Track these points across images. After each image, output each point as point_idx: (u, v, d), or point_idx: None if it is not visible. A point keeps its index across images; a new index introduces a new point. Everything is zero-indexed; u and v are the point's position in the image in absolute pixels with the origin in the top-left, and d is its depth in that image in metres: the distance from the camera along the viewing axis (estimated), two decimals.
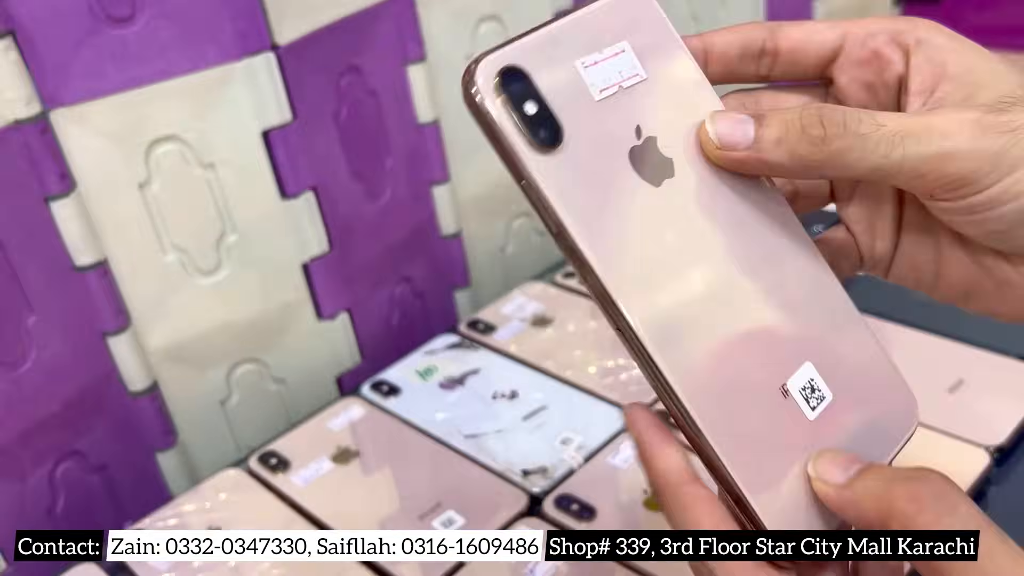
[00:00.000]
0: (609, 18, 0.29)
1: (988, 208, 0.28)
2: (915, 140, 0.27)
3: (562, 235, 0.27)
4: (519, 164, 0.27)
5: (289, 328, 0.65)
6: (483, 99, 0.26)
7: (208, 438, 0.65)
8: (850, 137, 0.27)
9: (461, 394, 0.63)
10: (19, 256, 0.53)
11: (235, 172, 0.59)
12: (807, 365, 0.29)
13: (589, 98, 0.28)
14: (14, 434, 0.54)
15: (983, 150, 0.27)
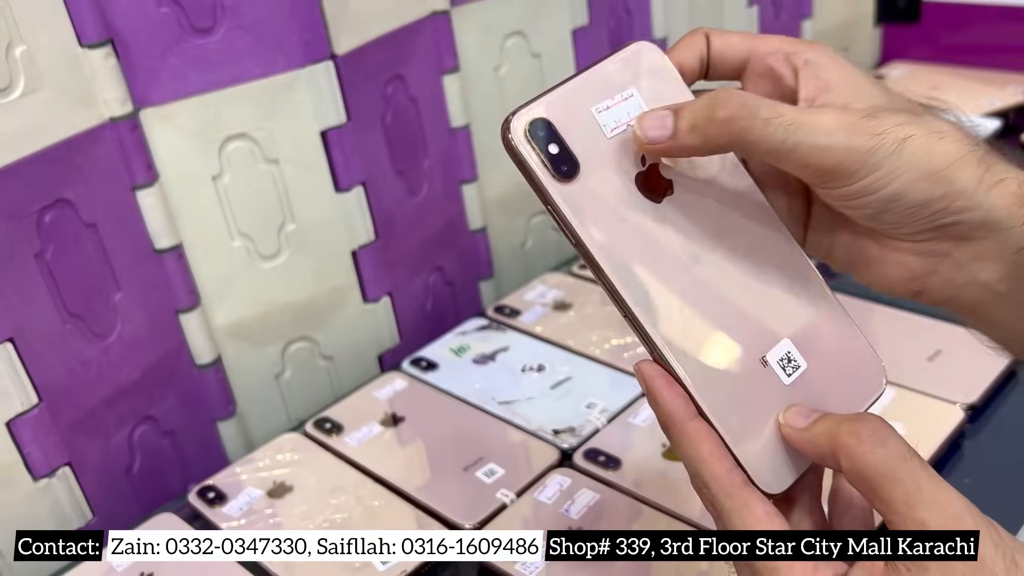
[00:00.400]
0: (621, 69, 0.36)
1: (858, 197, 0.33)
2: (805, 131, 0.32)
3: (580, 245, 0.34)
4: (545, 193, 0.34)
5: (338, 309, 0.72)
6: (516, 144, 0.34)
7: (263, 409, 0.72)
8: (752, 119, 0.32)
9: (493, 368, 0.70)
10: (110, 238, 0.60)
11: (296, 167, 0.66)
12: (785, 341, 0.36)
13: (602, 136, 0.35)
14: (102, 398, 0.61)
15: (855, 148, 0.32)
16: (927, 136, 0.32)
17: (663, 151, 0.35)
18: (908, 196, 0.33)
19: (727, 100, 0.33)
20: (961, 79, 1.06)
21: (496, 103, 0.78)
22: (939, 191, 0.32)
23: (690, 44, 0.38)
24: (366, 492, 0.59)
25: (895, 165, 0.32)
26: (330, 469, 0.62)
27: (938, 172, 0.32)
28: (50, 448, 0.58)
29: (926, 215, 0.33)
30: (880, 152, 0.32)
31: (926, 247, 0.34)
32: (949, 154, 0.32)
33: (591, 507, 0.55)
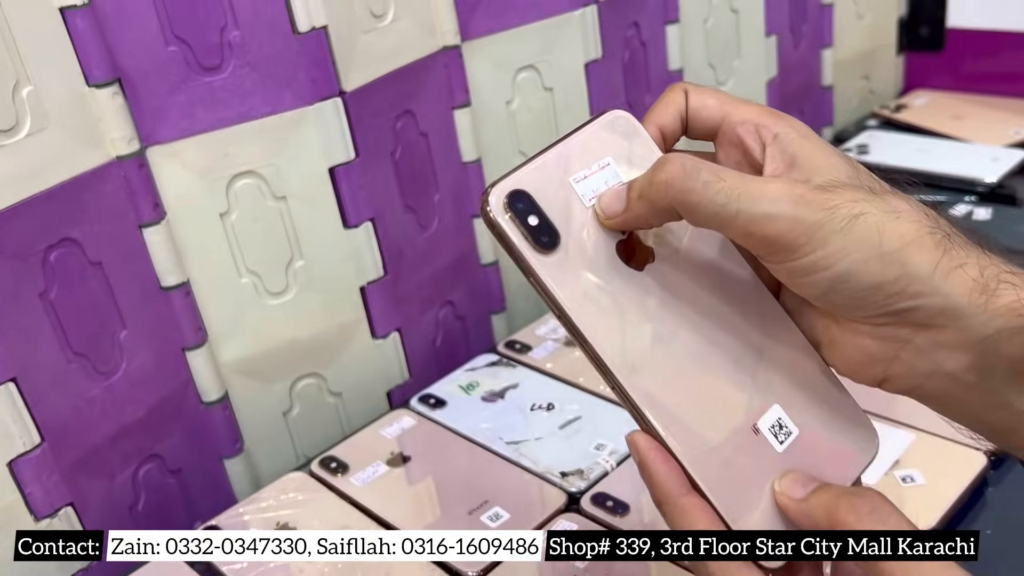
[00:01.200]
0: (596, 138, 0.36)
1: (805, 274, 0.32)
2: (748, 199, 0.31)
3: (564, 317, 0.34)
4: (526, 265, 0.34)
5: (346, 346, 0.71)
6: (496, 217, 0.34)
7: (271, 446, 0.71)
8: (692, 181, 0.32)
9: (502, 406, 0.69)
10: (116, 276, 0.60)
11: (304, 204, 0.65)
12: (775, 407, 0.36)
13: (580, 206, 0.35)
14: (106, 436, 0.61)
15: (801, 220, 0.31)
16: (882, 214, 0.31)
17: (619, 224, 0.35)
18: (858, 277, 0.31)
19: (667, 162, 0.33)
20: (985, 108, 1.04)
21: (508, 137, 0.78)
22: (892, 273, 0.31)
23: (669, 102, 0.38)
24: None
25: (844, 242, 0.31)
26: (334, 510, 0.61)
27: (891, 253, 0.30)
28: (52, 488, 0.58)
29: (879, 299, 0.31)
30: (828, 226, 0.31)
31: (885, 332, 0.32)
32: (904, 235, 0.31)
33: None
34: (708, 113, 0.38)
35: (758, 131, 0.36)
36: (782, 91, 1.00)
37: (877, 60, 1.13)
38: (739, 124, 0.37)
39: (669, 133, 0.38)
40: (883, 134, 1.02)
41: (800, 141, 0.35)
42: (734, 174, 0.32)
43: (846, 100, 1.10)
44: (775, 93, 0.99)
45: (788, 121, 0.36)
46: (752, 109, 0.37)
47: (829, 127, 1.09)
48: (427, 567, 0.55)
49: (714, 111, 0.37)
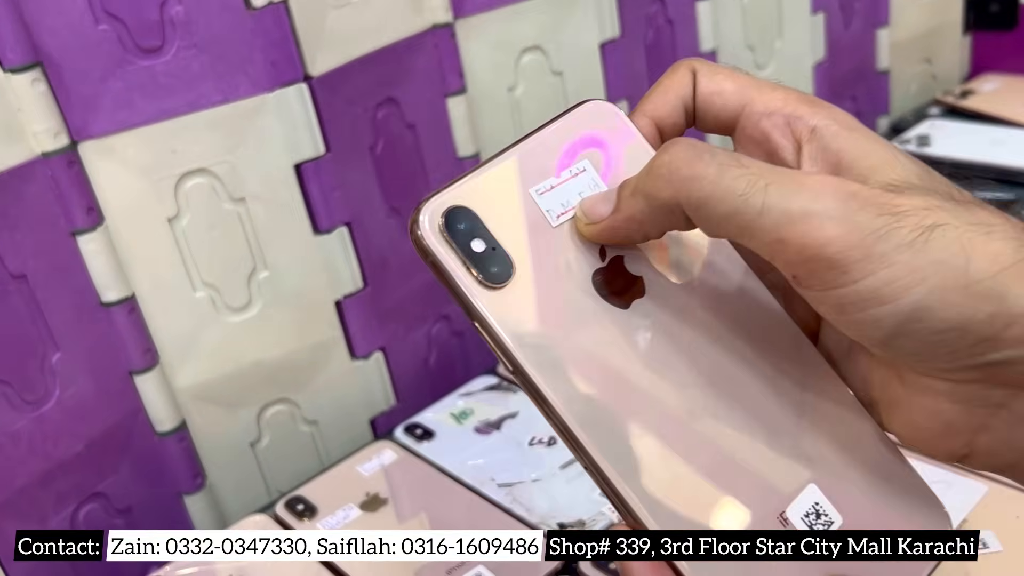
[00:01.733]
0: (567, 138, 0.28)
1: (860, 308, 0.23)
2: (780, 190, 0.23)
3: (520, 373, 0.25)
4: (468, 304, 0.26)
5: (321, 368, 0.63)
6: (427, 242, 0.26)
7: (238, 481, 0.63)
8: (702, 165, 0.24)
9: (497, 439, 0.60)
10: (44, 291, 0.52)
11: (266, 206, 0.57)
12: (810, 488, 0.27)
13: (545, 225, 0.27)
14: (35, 475, 0.53)
15: (855, 224, 0.23)
16: (966, 227, 0.22)
17: (605, 231, 0.26)
18: (936, 313, 0.22)
19: (671, 144, 0.24)
20: None
21: (511, 129, 0.68)
22: (984, 310, 0.22)
23: (669, 88, 0.29)
24: None
25: (916, 262, 0.22)
26: (295, 564, 0.52)
27: (982, 282, 0.22)
28: None
29: (964, 346, 0.22)
30: (893, 238, 0.22)
31: (970, 392, 0.24)
32: (999, 256, 0.22)
33: None
34: (724, 101, 0.29)
35: (789, 124, 0.27)
36: (831, 76, 0.89)
37: (940, 40, 1.01)
38: (764, 116, 0.28)
39: (668, 127, 0.29)
40: (947, 123, 0.91)
41: (846, 135, 0.27)
42: (760, 162, 0.24)
43: (904, 86, 0.99)
44: (823, 78, 0.88)
45: (828, 110, 0.27)
46: (781, 95, 0.28)
47: (885, 116, 0.98)
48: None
49: (731, 98, 0.29)
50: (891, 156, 0.26)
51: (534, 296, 0.26)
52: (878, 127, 0.97)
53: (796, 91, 0.28)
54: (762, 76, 0.84)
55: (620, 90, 0.72)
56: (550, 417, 0.26)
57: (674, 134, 0.30)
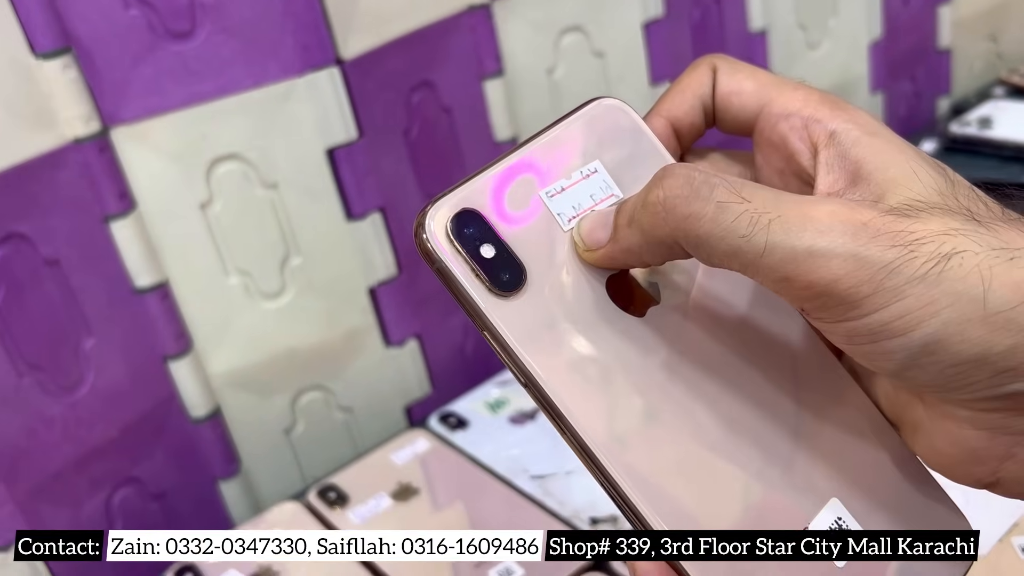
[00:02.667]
0: (578, 138, 0.26)
1: (870, 340, 0.22)
2: (784, 227, 0.22)
3: (532, 386, 0.24)
4: (478, 313, 0.24)
5: (355, 355, 0.62)
6: (434, 247, 0.24)
7: (272, 467, 0.63)
8: (700, 203, 0.22)
9: (531, 430, 0.58)
10: (77, 277, 0.52)
11: (299, 192, 0.56)
12: (833, 502, 0.25)
13: (557, 229, 0.25)
14: (70, 460, 0.53)
15: (865, 260, 0.21)
16: (987, 253, 0.21)
17: (603, 260, 0.25)
18: (951, 347, 0.21)
19: (666, 176, 0.23)
20: None
21: (550, 112, 0.66)
22: (1003, 343, 0.21)
23: (687, 87, 0.28)
24: None
25: (930, 295, 0.21)
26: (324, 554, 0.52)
27: (1001, 313, 0.21)
28: (5, 519, 0.50)
29: (983, 377, 0.21)
30: (905, 270, 0.21)
31: (993, 420, 0.22)
32: (1022, 285, 0.21)
33: None
34: (742, 101, 0.27)
35: (807, 128, 0.26)
36: (888, 55, 0.86)
37: (1007, 17, 0.96)
38: (782, 118, 0.26)
39: (686, 128, 0.28)
40: (1011, 104, 0.86)
41: (867, 141, 0.25)
42: (765, 192, 0.23)
43: (967, 65, 0.95)
44: (879, 58, 0.85)
45: (850, 113, 0.26)
46: (802, 96, 0.26)
47: (945, 97, 0.94)
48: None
49: (750, 98, 0.27)
50: (913, 167, 0.24)
51: (546, 304, 0.25)
52: (938, 108, 0.93)
53: (819, 92, 0.27)
54: (815, 56, 0.81)
55: (664, 71, 0.70)
56: (563, 432, 0.24)
57: (692, 135, 0.29)
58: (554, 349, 0.24)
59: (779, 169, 0.27)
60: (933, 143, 0.82)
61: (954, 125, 0.82)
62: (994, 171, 0.76)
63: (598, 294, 0.25)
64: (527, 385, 0.24)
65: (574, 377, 0.24)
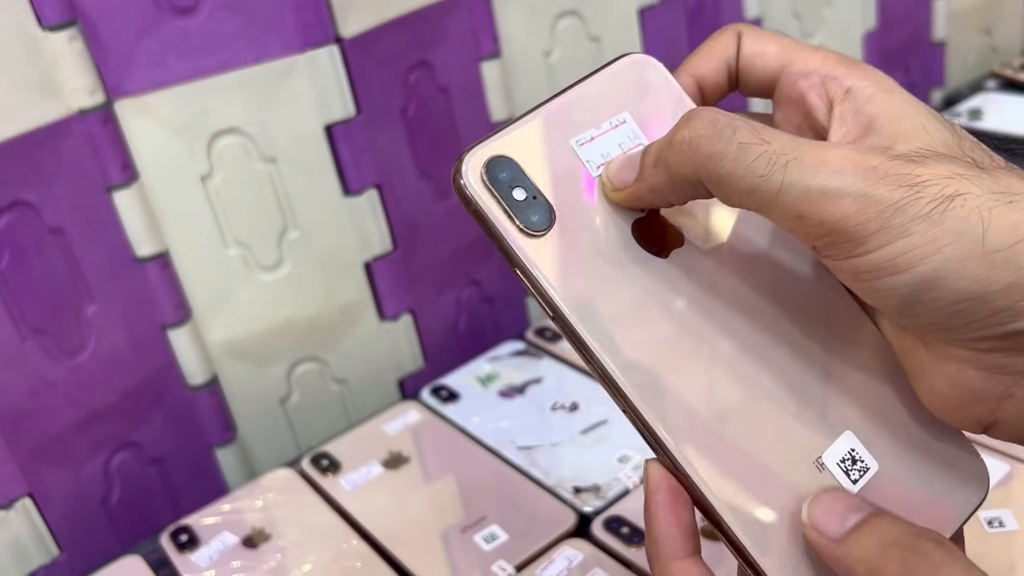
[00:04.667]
0: (608, 89, 0.28)
1: (875, 276, 0.23)
2: (800, 168, 0.23)
3: (560, 319, 0.26)
4: (510, 251, 0.26)
5: (351, 328, 0.63)
6: (470, 190, 0.26)
7: (268, 436, 0.64)
8: (723, 143, 0.24)
9: (520, 403, 0.60)
10: (80, 244, 0.53)
11: (297, 167, 0.58)
12: (846, 435, 0.27)
13: (586, 175, 0.27)
14: (70, 422, 0.55)
15: (873, 199, 0.23)
16: (988, 196, 0.22)
17: (630, 199, 0.27)
18: (951, 283, 0.22)
19: (692, 118, 0.25)
20: None
21: (546, 95, 0.68)
22: (1000, 279, 0.22)
23: (713, 49, 0.29)
24: (348, 550, 0.51)
25: (932, 232, 0.22)
26: (316, 517, 0.54)
27: (999, 251, 0.22)
28: (6, 478, 0.52)
29: (981, 316, 0.23)
30: (910, 209, 0.22)
31: (991, 360, 0.24)
32: (1018, 227, 0.22)
33: None
34: (765, 62, 0.29)
35: (824, 85, 0.28)
36: (882, 46, 0.87)
37: (1001, 11, 0.98)
38: (802, 76, 0.28)
39: (710, 87, 0.30)
40: (1002, 97, 0.87)
41: (880, 97, 0.27)
42: (783, 136, 0.24)
43: (961, 58, 0.96)
44: (874, 48, 0.86)
45: (865, 71, 0.28)
46: (820, 56, 0.28)
47: (939, 89, 0.95)
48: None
49: (772, 60, 0.29)
50: (923, 121, 0.26)
51: (574, 244, 0.26)
52: (931, 100, 0.94)
53: (837, 53, 0.28)
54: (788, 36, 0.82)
55: (658, 57, 0.71)
56: (589, 361, 0.26)
57: (716, 95, 0.30)
58: (580, 285, 0.26)
59: (797, 124, 0.29)
60: None
61: (944, 116, 0.83)
62: None
63: (624, 235, 0.27)
64: (554, 318, 0.26)
65: (598, 310, 0.26)
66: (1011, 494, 0.45)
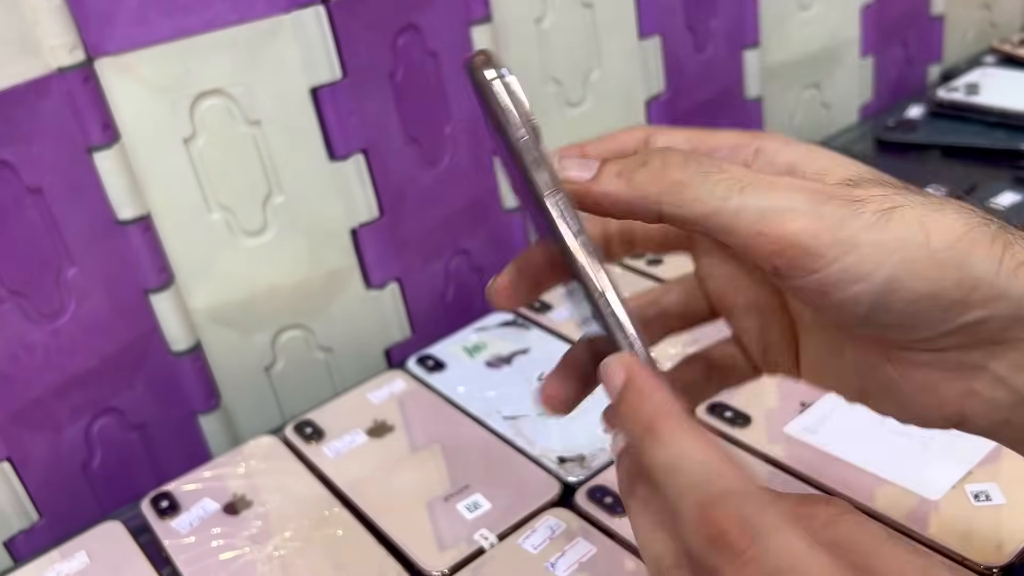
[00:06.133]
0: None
1: (838, 289, 0.25)
2: (755, 192, 0.26)
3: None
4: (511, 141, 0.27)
5: (336, 295, 0.63)
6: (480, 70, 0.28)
7: (252, 404, 0.64)
8: (690, 171, 0.26)
9: (507, 373, 0.59)
10: (60, 206, 0.52)
11: (282, 130, 0.57)
12: None
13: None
14: (50, 387, 0.54)
15: (821, 215, 0.25)
16: (920, 207, 0.26)
17: (580, 194, 0.28)
18: (907, 284, 0.25)
19: (663, 149, 0.28)
20: None
21: (538, 61, 0.67)
22: (949, 277, 0.25)
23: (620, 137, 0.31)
24: (330, 517, 0.50)
25: (881, 239, 0.25)
26: (299, 484, 0.53)
27: (943, 251, 0.25)
28: None
29: (938, 313, 0.25)
30: (856, 223, 0.25)
31: (950, 359, 0.26)
32: (954, 228, 0.25)
33: (583, 563, 0.45)
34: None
35: (735, 154, 0.30)
36: (880, 20, 0.86)
37: None
38: (712, 152, 0.30)
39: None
40: (1000, 72, 0.86)
41: (789, 149, 0.30)
42: (736, 167, 0.27)
43: (960, 32, 0.95)
44: (871, 22, 0.85)
45: (767, 136, 0.30)
46: (723, 135, 0.31)
47: (936, 64, 0.94)
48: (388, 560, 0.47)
49: (682, 145, 0.31)
50: (835, 160, 0.29)
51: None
52: (928, 75, 0.93)
53: (737, 132, 0.31)
54: (806, 16, 0.81)
55: (653, 26, 0.70)
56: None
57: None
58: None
59: None
60: (920, 108, 0.83)
61: (941, 90, 0.83)
62: (980, 136, 0.76)
63: None
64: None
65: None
66: (999, 468, 0.45)
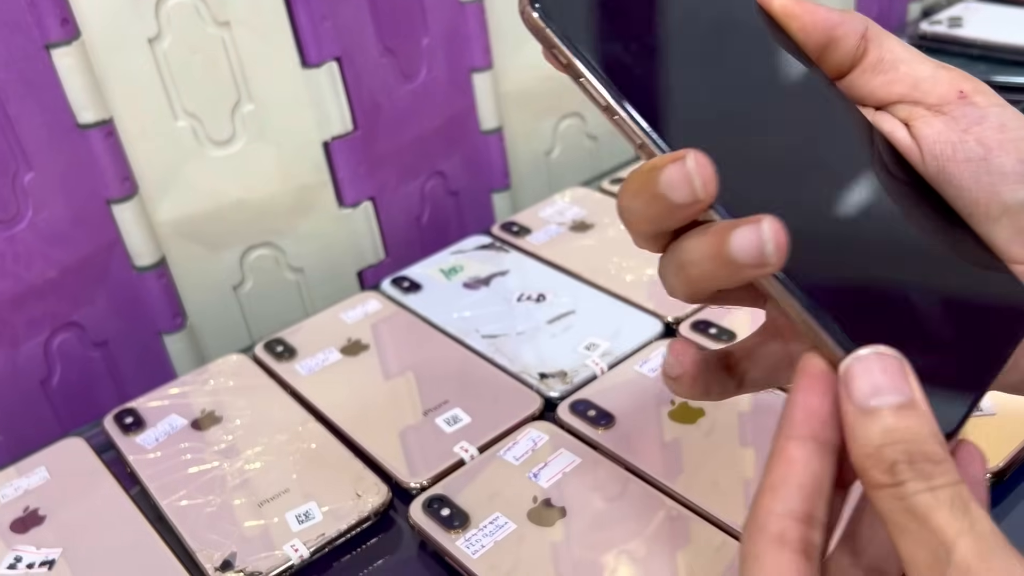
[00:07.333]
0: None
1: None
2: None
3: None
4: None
5: (307, 213, 0.60)
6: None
7: (219, 324, 0.61)
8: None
9: (485, 294, 0.58)
10: (15, 104, 0.49)
11: (252, 33, 0.54)
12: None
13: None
14: (6, 297, 0.52)
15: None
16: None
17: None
18: None
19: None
20: None
21: None
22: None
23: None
24: (304, 432, 0.49)
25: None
26: (269, 401, 0.51)
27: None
28: None
29: None
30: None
31: None
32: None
33: (566, 473, 0.43)
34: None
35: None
36: None
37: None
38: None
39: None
40: (981, 6, 0.86)
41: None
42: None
43: None
44: None
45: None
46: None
47: (917, 1, 0.93)
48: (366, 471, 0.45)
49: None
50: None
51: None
52: (909, 11, 0.92)
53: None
54: None
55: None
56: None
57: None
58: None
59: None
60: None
61: (924, 23, 0.82)
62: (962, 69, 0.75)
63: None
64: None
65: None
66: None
